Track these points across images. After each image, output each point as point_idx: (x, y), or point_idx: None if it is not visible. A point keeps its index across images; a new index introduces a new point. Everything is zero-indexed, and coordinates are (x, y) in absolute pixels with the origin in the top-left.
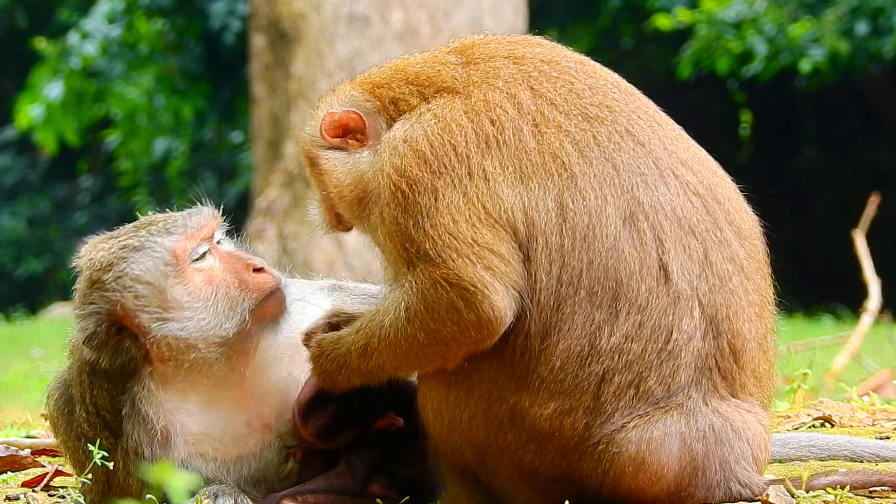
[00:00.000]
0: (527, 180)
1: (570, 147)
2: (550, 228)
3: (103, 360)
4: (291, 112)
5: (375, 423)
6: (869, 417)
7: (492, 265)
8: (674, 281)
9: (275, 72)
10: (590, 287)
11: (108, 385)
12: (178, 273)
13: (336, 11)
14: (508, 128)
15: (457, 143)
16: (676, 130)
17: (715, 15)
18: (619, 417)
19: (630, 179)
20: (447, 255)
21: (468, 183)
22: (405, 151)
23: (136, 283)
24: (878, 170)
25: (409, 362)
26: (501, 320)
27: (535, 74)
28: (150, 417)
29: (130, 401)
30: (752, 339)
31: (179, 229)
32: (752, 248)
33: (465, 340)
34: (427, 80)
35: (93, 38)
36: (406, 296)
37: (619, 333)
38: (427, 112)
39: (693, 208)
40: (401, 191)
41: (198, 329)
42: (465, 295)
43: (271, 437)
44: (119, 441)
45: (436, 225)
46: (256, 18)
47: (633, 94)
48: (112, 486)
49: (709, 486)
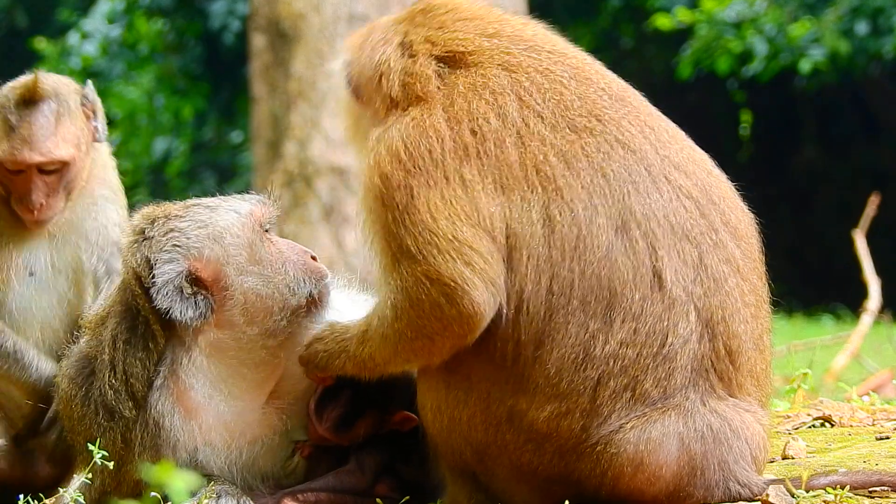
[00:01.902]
0: (508, 192)
1: (554, 159)
2: (536, 240)
3: (174, 311)
4: (291, 112)
5: (391, 420)
6: (869, 417)
7: (471, 261)
8: (668, 287)
9: (275, 72)
10: (582, 297)
11: (143, 354)
12: (259, 233)
13: (336, 11)
14: (490, 139)
15: (432, 147)
16: (670, 132)
17: (715, 15)
18: (617, 419)
19: (621, 188)
20: (427, 251)
21: (444, 186)
22: (382, 151)
23: (226, 232)
24: (878, 170)
25: (398, 356)
26: (481, 315)
27: (527, 85)
28: (185, 388)
29: (169, 369)
30: (748, 340)
31: (253, 199)
32: (747, 247)
33: (448, 335)
34: (418, 82)
35: (93, 38)
36: (392, 294)
37: (614, 341)
38: (407, 116)
39: (686, 212)
40: (375, 185)
41: (278, 289)
42: (446, 291)
43: (282, 426)
44: (140, 412)
45: (415, 222)
46: (256, 18)
47: (624, 98)
48: (126, 461)
49: (707, 486)
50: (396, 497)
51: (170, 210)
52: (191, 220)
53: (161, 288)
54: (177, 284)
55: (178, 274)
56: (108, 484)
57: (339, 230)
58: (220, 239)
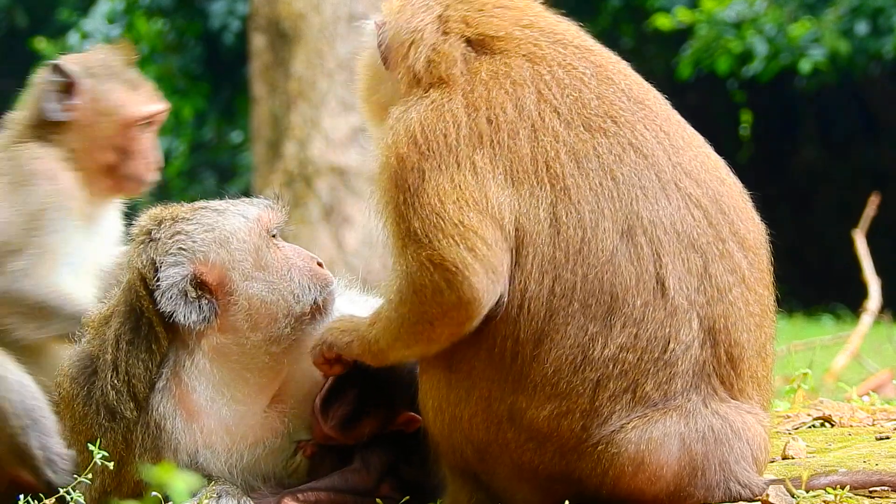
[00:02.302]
0: (517, 184)
1: (565, 157)
2: (542, 240)
3: (178, 314)
4: (291, 112)
5: (395, 420)
6: (869, 417)
7: (474, 247)
8: (671, 295)
9: (275, 72)
10: (584, 300)
11: (145, 356)
12: (266, 239)
13: (336, 11)
14: (504, 129)
15: (448, 132)
16: (686, 138)
17: (715, 15)
18: (617, 419)
19: (630, 193)
20: (433, 234)
21: (455, 171)
22: (400, 131)
23: (233, 237)
24: (878, 170)
25: (398, 340)
26: (480, 302)
27: (548, 78)
28: (187, 391)
29: (172, 372)
30: (751, 348)
31: (261, 204)
32: (755, 258)
33: (447, 321)
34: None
35: (93, 38)
36: (399, 279)
37: (614, 345)
38: (427, 98)
39: (694, 221)
40: (391, 166)
41: (282, 295)
42: (447, 276)
43: (284, 429)
44: (142, 413)
45: (423, 204)
46: (256, 18)
47: (644, 101)
48: (126, 462)
49: (708, 487)
50: (398, 497)
51: (177, 212)
52: (197, 223)
53: (165, 291)
54: (181, 288)
55: (182, 277)
56: (109, 484)
57: (339, 230)
58: (227, 243)
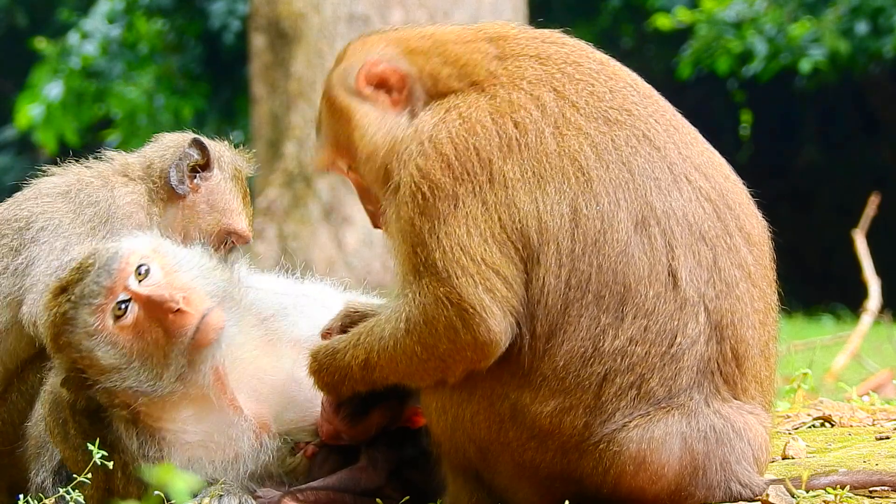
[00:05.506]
0: (544, 184)
1: (588, 150)
2: (563, 234)
3: (80, 402)
4: (291, 112)
5: (402, 415)
6: (869, 417)
7: (494, 287)
8: (682, 287)
9: (275, 72)
10: (598, 291)
11: (88, 423)
12: (104, 339)
13: (336, 11)
14: (531, 130)
15: (480, 146)
16: (692, 134)
17: (715, 15)
18: (621, 417)
19: (644, 184)
20: (453, 270)
21: (488, 190)
22: (430, 152)
23: (77, 348)
24: (878, 170)
25: (411, 375)
26: (497, 344)
27: (559, 76)
28: (141, 440)
29: (116, 434)
30: (755, 346)
31: (95, 296)
32: (759, 254)
33: (461, 359)
34: (464, 68)
35: (93, 38)
36: (408, 307)
37: (624, 336)
38: (454, 110)
39: (704, 214)
40: (421, 192)
41: (139, 385)
42: (464, 315)
43: (268, 436)
44: (114, 453)
45: (450, 234)
46: (256, 18)
47: (651, 96)
48: (112, 493)
49: (709, 486)
50: (399, 497)
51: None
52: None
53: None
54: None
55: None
56: (110, 484)
57: (339, 230)
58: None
